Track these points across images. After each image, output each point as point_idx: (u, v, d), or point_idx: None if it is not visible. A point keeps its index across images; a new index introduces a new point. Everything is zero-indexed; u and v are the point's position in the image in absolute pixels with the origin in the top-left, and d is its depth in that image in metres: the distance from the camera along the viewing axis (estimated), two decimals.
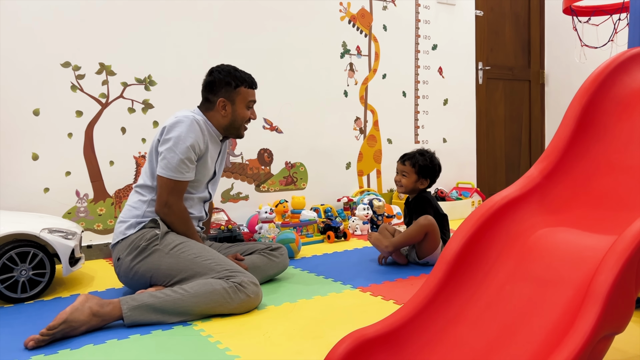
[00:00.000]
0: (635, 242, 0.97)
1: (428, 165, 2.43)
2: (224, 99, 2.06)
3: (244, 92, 2.08)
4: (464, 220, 1.29)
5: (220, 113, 2.07)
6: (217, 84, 2.06)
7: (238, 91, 2.07)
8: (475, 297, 1.19)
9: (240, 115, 2.10)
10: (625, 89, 1.52)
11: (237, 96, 2.07)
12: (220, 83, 2.06)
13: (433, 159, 2.47)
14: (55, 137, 2.62)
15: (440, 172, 2.49)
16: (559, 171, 1.40)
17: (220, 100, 2.06)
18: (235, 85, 2.06)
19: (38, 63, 2.56)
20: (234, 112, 2.08)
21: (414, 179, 2.45)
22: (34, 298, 2.00)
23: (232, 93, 2.07)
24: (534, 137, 4.79)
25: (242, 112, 2.10)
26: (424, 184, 2.46)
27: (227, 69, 2.08)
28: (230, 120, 2.09)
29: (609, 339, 0.95)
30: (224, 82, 2.06)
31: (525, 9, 4.69)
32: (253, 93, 2.13)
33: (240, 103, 2.09)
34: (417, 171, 2.44)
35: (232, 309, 1.75)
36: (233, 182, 3.15)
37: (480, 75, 4.38)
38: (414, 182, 2.45)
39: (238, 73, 2.09)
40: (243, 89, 2.08)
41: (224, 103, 2.06)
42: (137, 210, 1.98)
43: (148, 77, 2.85)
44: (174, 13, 2.91)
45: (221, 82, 2.06)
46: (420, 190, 2.48)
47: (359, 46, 3.62)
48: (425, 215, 2.35)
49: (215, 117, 2.08)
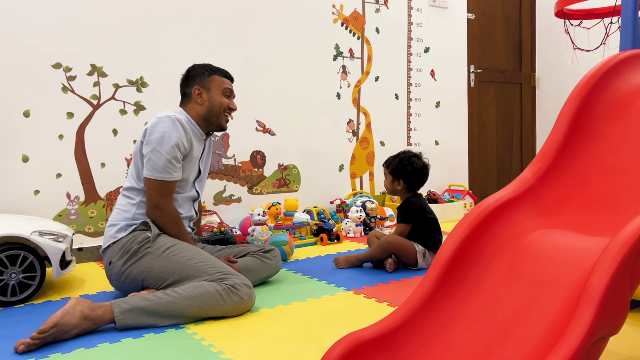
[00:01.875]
0: (629, 244, 0.97)
1: (398, 167, 2.42)
2: (198, 87, 2.07)
3: (218, 79, 2.09)
4: (458, 222, 1.29)
5: (197, 102, 2.07)
6: (192, 76, 2.09)
7: (212, 78, 2.08)
8: (470, 299, 1.19)
9: (217, 101, 2.08)
10: (617, 92, 1.53)
11: (211, 83, 2.08)
12: (194, 75, 2.09)
13: (404, 162, 2.42)
14: (46, 139, 2.60)
15: (418, 175, 2.43)
16: (552, 173, 1.40)
17: (195, 89, 2.07)
18: (209, 73, 2.08)
19: (28, 64, 2.54)
20: (210, 98, 2.08)
21: (389, 180, 2.48)
22: (24, 301, 1.98)
23: (206, 80, 2.08)
24: (525, 139, 4.82)
25: (218, 98, 2.09)
26: (400, 186, 2.45)
27: (202, 64, 2.12)
28: (208, 107, 2.08)
29: (604, 341, 0.96)
30: (197, 73, 2.09)
31: (516, 12, 4.72)
32: (228, 82, 2.14)
33: (216, 90, 2.08)
34: (391, 172, 2.46)
35: (225, 312, 1.74)
36: (225, 184, 3.14)
37: (472, 78, 4.40)
38: (390, 184, 2.48)
39: (212, 66, 2.12)
40: (217, 76, 2.09)
41: (199, 91, 2.07)
42: (127, 213, 1.96)
43: (140, 79, 2.83)
44: (166, 14, 2.89)
45: (195, 73, 2.09)
46: (409, 195, 2.46)
47: (351, 49, 3.62)
48: (391, 234, 2.42)
49: (194, 109, 2.08)
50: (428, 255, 2.38)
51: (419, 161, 2.44)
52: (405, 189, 2.46)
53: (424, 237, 2.39)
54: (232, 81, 2.16)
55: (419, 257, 2.35)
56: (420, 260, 2.36)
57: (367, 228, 3.33)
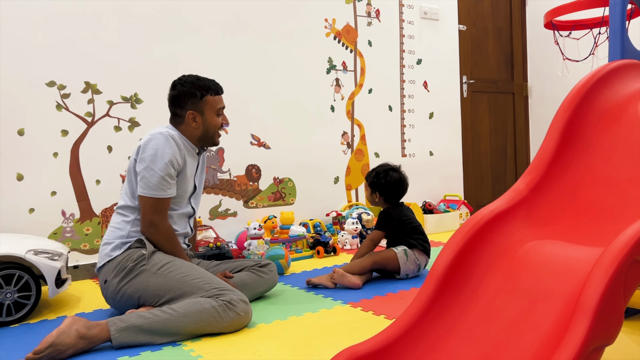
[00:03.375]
0: (621, 254, 0.98)
1: (374, 180, 2.54)
2: (192, 112, 2.04)
3: (211, 100, 2.06)
4: (453, 234, 1.29)
5: (191, 126, 2.05)
6: (182, 97, 2.04)
7: (205, 101, 2.05)
8: (466, 311, 1.19)
9: (212, 124, 2.08)
10: (607, 102, 1.54)
11: (204, 106, 2.05)
12: (185, 95, 2.04)
13: (381, 174, 2.52)
14: (41, 157, 2.60)
15: (394, 187, 2.50)
16: (545, 184, 1.41)
17: (189, 114, 2.04)
18: (201, 95, 2.04)
19: (22, 82, 2.55)
20: (205, 122, 2.06)
21: (369, 193, 2.58)
22: (20, 321, 1.97)
23: (200, 104, 2.04)
24: (519, 148, 4.84)
25: (212, 120, 2.07)
26: (378, 198, 2.55)
27: (189, 79, 2.05)
28: (203, 130, 2.07)
29: (600, 351, 0.96)
30: (189, 94, 2.03)
31: (507, 23, 4.76)
32: (220, 99, 2.10)
33: (210, 112, 2.06)
34: (369, 185, 2.56)
35: (222, 328, 1.73)
36: (221, 198, 3.14)
37: (464, 88, 4.43)
38: (370, 196, 2.58)
39: (201, 82, 2.06)
40: (209, 97, 2.05)
41: (193, 115, 2.05)
42: (121, 231, 1.96)
43: (134, 95, 2.84)
44: (160, 31, 2.91)
45: (186, 94, 2.03)
46: (388, 207, 2.55)
47: (344, 62, 3.65)
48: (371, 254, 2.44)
49: (188, 130, 2.06)
50: (410, 252, 2.42)
51: (394, 174, 2.53)
52: (383, 201, 2.55)
53: (403, 238, 2.48)
54: (221, 93, 2.12)
55: (400, 258, 2.39)
56: (404, 260, 2.39)
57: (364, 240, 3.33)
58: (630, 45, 1.73)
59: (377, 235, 2.52)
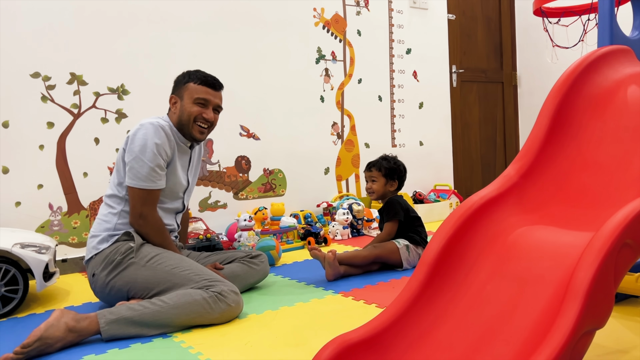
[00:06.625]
0: (612, 238, 0.98)
1: (393, 167, 2.52)
2: (174, 96, 2.04)
3: (191, 87, 2.00)
4: (443, 221, 1.29)
5: (172, 110, 2.05)
6: (175, 83, 2.07)
7: (186, 87, 2.01)
8: (457, 298, 1.19)
9: (187, 111, 1.99)
10: (596, 88, 1.54)
11: (184, 92, 2.02)
12: (176, 82, 2.06)
13: (396, 161, 2.56)
14: (26, 150, 2.56)
15: (406, 173, 2.56)
16: (535, 170, 1.41)
17: (171, 97, 2.05)
18: (185, 81, 2.02)
19: (6, 74, 2.50)
20: (182, 107, 2.01)
21: (383, 182, 2.52)
22: (7, 315, 1.95)
23: (181, 89, 2.03)
24: (509, 137, 4.86)
25: (188, 107, 1.99)
26: (393, 186, 2.53)
27: (192, 70, 2.06)
28: (179, 116, 2.01)
29: (591, 335, 0.96)
30: (177, 80, 2.06)
31: (496, 12, 4.76)
32: (204, 91, 2.00)
33: (187, 99, 2.00)
34: (385, 174, 2.52)
35: (212, 319, 1.72)
36: (211, 190, 3.12)
37: (454, 78, 4.43)
38: (383, 186, 2.53)
39: (195, 72, 2.04)
40: (191, 84, 2.00)
41: (174, 99, 2.04)
42: (108, 223, 1.93)
43: (121, 86, 2.80)
44: (146, 20, 2.87)
45: (177, 81, 2.06)
46: (393, 196, 2.53)
47: (333, 51, 3.63)
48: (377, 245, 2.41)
49: (172, 117, 2.05)
50: (412, 248, 2.41)
51: (401, 161, 2.58)
52: (395, 189, 2.54)
53: (408, 232, 2.46)
54: (216, 89, 2.04)
55: (402, 253, 2.38)
56: (405, 255, 2.38)
57: (355, 230, 3.33)
58: (619, 31, 1.73)
59: (392, 228, 2.46)
